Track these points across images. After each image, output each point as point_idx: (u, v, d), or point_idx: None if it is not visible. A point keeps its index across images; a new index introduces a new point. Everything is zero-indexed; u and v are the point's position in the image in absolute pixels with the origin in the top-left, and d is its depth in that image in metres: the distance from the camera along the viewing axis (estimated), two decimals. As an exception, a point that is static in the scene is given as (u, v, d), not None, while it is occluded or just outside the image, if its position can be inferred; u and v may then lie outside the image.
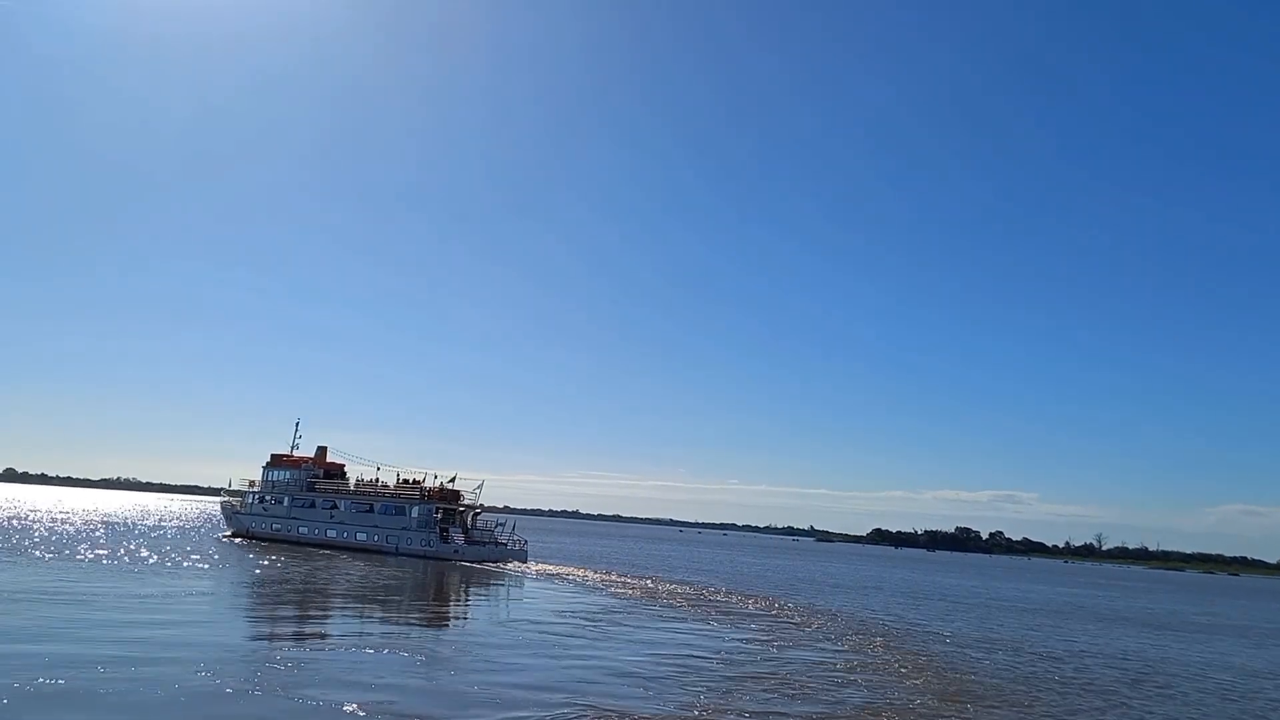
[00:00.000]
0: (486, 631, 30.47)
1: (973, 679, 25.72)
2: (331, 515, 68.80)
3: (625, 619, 35.18)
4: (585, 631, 30.50)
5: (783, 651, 28.82)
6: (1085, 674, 29.30)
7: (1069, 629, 46.28)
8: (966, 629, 41.07)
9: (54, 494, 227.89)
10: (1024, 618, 51.07)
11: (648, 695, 20.14)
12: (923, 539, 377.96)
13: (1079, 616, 56.35)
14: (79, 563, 42.00)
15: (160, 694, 16.94)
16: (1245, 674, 33.41)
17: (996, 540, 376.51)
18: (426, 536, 63.67)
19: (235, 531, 75.17)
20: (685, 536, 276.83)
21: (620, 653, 26.24)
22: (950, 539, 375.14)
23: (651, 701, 19.49)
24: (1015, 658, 31.85)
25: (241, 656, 21.32)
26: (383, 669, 21.07)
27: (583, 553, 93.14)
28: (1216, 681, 30.46)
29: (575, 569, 63.83)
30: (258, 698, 17.29)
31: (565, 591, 46.73)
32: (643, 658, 25.42)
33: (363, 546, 65.33)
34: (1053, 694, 24.53)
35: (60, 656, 19.39)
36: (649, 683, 21.62)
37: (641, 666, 23.81)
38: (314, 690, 18.11)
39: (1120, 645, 40.02)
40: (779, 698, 20.96)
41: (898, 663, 28.11)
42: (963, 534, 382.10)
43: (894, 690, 23.03)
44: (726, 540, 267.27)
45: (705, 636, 31.46)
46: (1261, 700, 27.28)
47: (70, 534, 63.16)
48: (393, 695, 18.23)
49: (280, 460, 73.04)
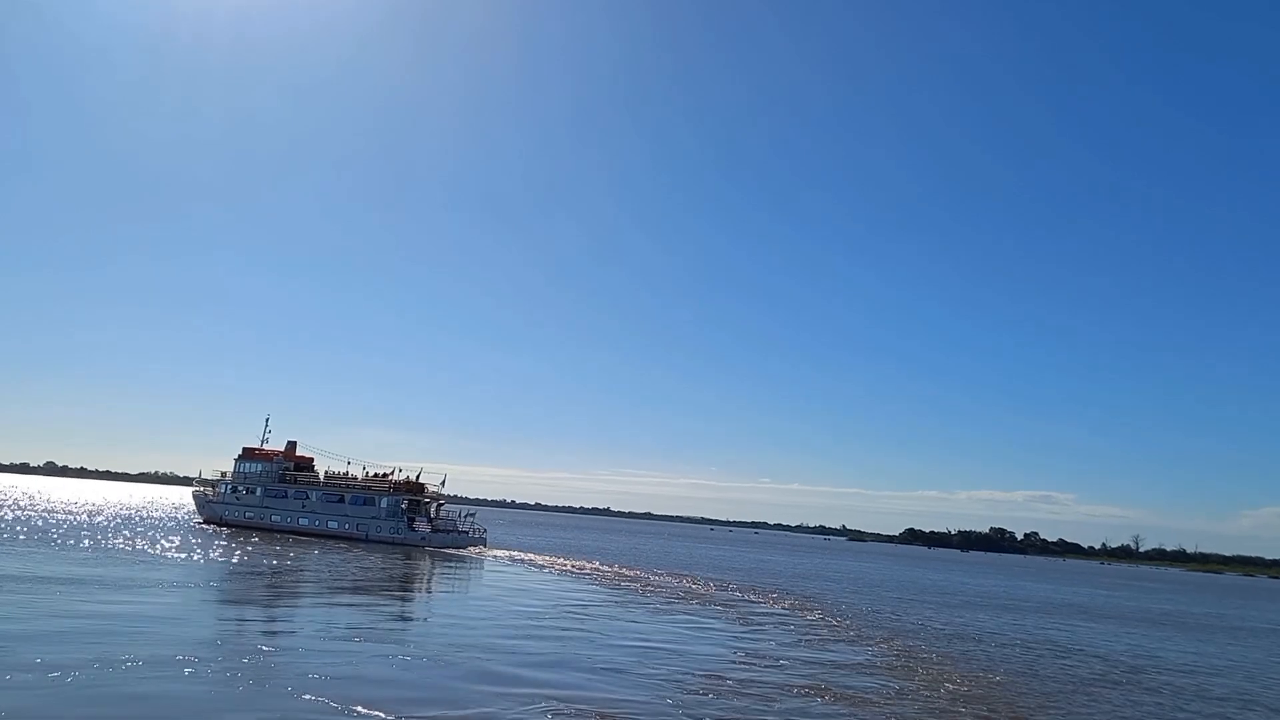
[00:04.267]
0: (452, 617, 30.86)
1: (1001, 681, 25.63)
2: (303, 505, 73.81)
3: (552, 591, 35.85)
4: (547, 617, 30.88)
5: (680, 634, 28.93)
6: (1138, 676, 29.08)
7: (1108, 630, 45.83)
8: (986, 626, 40.86)
9: (80, 487, 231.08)
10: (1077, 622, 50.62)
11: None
12: (956, 539, 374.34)
13: (1126, 619, 55.68)
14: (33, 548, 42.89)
15: (137, 689, 17.22)
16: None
17: (1031, 541, 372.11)
18: (395, 525, 69.48)
19: (207, 519, 79.57)
20: (714, 535, 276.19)
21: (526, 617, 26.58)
22: (984, 539, 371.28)
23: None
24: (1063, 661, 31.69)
25: (218, 647, 21.63)
26: (361, 659, 21.37)
27: (562, 545, 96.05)
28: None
29: (536, 555, 70.32)
30: (239, 692, 17.49)
31: (523, 574, 53.51)
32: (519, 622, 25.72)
33: (334, 534, 70.52)
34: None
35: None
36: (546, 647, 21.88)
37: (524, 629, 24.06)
38: (294, 682, 18.33)
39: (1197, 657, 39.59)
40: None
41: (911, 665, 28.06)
42: (997, 534, 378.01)
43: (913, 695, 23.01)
44: (754, 538, 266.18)
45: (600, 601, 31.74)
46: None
47: (52, 524, 64.27)
48: (372, 687, 18.53)
49: (252, 453, 77.42)
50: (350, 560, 52.15)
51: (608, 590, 46.74)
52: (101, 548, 47.37)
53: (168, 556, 45.33)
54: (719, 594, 49.20)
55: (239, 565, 44.29)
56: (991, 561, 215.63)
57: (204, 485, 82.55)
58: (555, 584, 48.85)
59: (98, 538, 54.12)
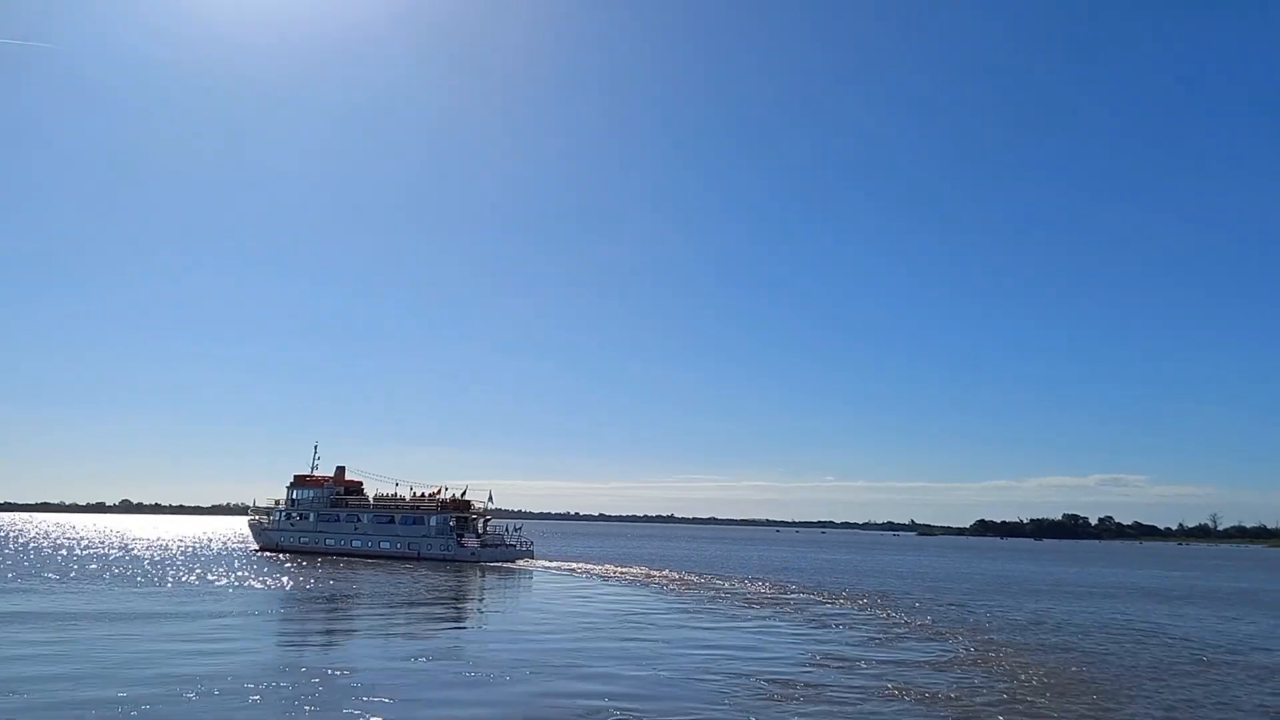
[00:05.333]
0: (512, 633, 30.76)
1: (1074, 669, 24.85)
2: (356, 527, 75.64)
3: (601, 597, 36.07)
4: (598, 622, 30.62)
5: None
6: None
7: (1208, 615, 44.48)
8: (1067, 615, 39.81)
9: (154, 523, 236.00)
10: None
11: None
12: (1029, 528, 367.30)
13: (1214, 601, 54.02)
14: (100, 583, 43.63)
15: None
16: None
17: (1106, 525, 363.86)
18: (444, 542, 70.78)
19: (264, 546, 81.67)
20: (780, 536, 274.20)
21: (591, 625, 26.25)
22: (1058, 527, 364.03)
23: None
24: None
25: (281, 673, 21.64)
26: (423, 679, 21.30)
27: (622, 554, 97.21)
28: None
29: (591, 565, 71.79)
30: (304, 716, 17.49)
31: (576, 585, 54.02)
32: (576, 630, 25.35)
33: (386, 554, 72.15)
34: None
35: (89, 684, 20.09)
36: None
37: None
38: (358, 705, 18.28)
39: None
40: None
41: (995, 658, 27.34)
42: (1070, 521, 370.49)
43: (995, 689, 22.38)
44: (820, 538, 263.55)
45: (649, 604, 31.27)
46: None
47: (122, 560, 65.43)
48: (435, 707, 18.41)
49: (304, 480, 79.45)
50: (404, 579, 52.93)
51: (669, 597, 46.50)
52: (165, 581, 48.16)
53: (227, 586, 45.97)
54: (785, 596, 48.57)
55: (297, 591, 44.79)
56: (1065, 549, 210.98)
57: (259, 514, 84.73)
58: (612, 593, 48.76)
59: (165, 571, 55.06)
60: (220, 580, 49.24)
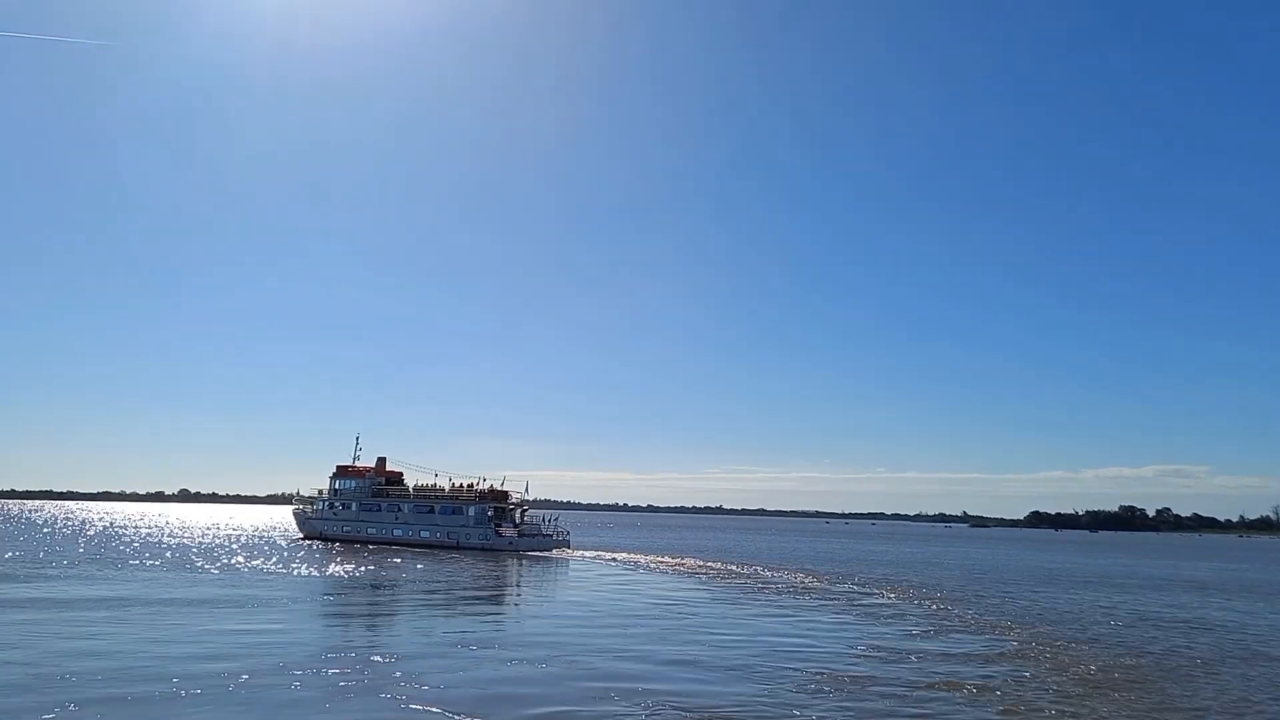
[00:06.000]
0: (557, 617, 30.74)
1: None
2: (396, 517, 77.40)
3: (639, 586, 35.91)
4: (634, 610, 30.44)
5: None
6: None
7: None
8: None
9: (211, 511, 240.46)
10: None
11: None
12: (1084, 520, 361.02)
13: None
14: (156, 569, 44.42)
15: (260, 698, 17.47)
16: None
17: (1164, 517, 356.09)
18: (483, 531, 72.23)
19: (308, 535, 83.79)
20: (829, 528, 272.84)
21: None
22: (1114, 519, 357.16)
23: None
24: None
25: (325, 659, 21.78)
26: (465, 665, 21.32)
27: (666, 544, 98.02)
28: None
29: (632, 554, 73.85)
30: (348, 702, 17.52)
31: (616, 574, 54.74)
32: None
33: (426, 543, 73.72)
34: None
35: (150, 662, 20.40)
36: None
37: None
38: (402, 690, 18.36)
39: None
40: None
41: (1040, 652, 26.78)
42: (1127, 513, 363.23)
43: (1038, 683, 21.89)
44: (871, 530, 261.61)
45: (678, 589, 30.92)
46: None
47: (174, 547, 66.66)
48: (478, 691, 18.39)
49: (346, 470, 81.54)
50: (444, 567, 53.72)
51: (713, 587, 46.38)
52: (213, 567, 49.03)
53: (273, 573, 46.66)
54: (833, 587, 48.14)
55: (340, 578, 45.35)
56: (1122, 541, 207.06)
57: (302, 503, 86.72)
58: (653, 581, 49.20)
59: (214, 558, 56.13)
60: (265, 566, 50.16)
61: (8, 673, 19.15)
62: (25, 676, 18.85)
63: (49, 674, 19.04)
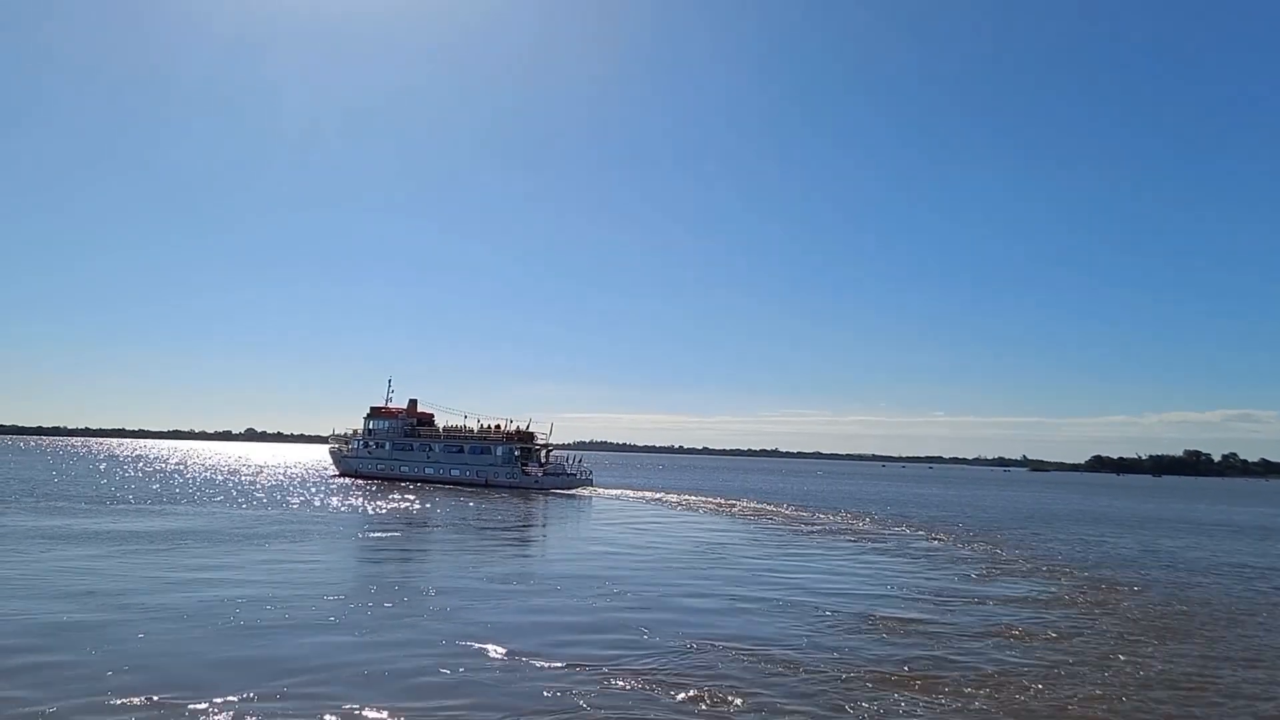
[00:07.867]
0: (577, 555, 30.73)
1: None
2: (428, 456, 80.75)
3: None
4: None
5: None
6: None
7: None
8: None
9: (274, 450, 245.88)
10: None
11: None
12: (1147, 464, 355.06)
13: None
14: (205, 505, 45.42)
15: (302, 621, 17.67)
16: None
17: (1230, 462, 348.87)
18: (510, 470, 75.51)
19: (343, 472, 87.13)
20: (885, 471, 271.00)
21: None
22: (1178, 463, 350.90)
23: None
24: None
25: (365, 594, 21.87)
26: (499, 600, 21.31)
27: (709, 486, 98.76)
28: None
29: (657, 493, 76.75)
30: (389, 639, 17.53)
31: (634, 508, 58.65)
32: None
33: (456, 481, 76.66)
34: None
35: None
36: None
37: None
38: (442, 626, 18.39)
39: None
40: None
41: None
42: (1192, 457, 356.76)
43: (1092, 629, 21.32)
44: (928, 474, 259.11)
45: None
46: None
47: (217, 483, 68.22)
48: (515, 622, 18.37)
49: (379, 411, 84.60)
50: (474, 503, 55.90)
51: (752, 528, 46.33)
52: (255, 502, 50.46)
53: (311, 507, 48.47)
54: (885, 530, 47.59)
55: (375, 513, 46.51)
56: (1185, 486, 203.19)
57: (338, 442, 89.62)
58: (683, 519, 50.32)
59: (259, 495, 57.83)
60: (305, 501, 52.18)
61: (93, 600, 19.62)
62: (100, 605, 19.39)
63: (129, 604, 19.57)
